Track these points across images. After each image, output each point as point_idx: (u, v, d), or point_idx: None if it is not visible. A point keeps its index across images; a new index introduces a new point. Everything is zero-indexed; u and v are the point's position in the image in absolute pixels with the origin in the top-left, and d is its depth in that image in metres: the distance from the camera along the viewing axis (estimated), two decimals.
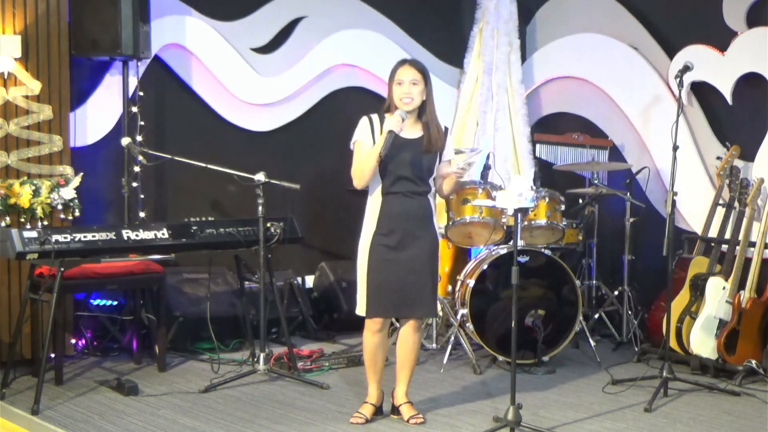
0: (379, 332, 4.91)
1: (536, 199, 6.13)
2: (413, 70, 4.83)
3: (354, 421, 4.93)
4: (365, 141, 4.86)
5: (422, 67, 4.88)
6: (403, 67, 4.85)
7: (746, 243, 6.07)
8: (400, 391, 5.02)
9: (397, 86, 4.84)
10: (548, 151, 7.50)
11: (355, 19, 7.44)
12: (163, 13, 6.57)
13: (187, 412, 5.12)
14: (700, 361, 5.95)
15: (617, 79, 7.20)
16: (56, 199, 5.96)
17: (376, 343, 4.93)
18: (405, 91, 4.81)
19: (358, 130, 4.91)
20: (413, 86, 4.81)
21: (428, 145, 4.84)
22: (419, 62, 4.93)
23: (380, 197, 4.85)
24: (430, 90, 4.88)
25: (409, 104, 4.81)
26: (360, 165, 4.83)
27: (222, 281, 6.65)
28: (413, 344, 4.98)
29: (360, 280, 4.87)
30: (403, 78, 4.82)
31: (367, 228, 4.88)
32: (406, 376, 5.01)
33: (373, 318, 4.87)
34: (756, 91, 6.37)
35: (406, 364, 4.99)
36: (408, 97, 4.81)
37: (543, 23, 7.77)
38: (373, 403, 5.01)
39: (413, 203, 4.85)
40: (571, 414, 5.15)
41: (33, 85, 5.92)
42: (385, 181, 4.83)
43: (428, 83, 4.87)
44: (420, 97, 4.83)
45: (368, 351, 4.96)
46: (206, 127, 6.91)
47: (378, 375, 5.00)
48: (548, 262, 6.16)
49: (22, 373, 5.68)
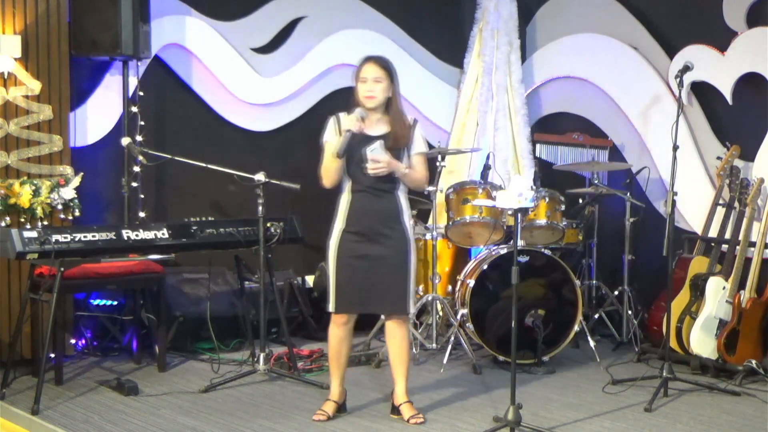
0: (344, 325, 4.94)
1: (536, 199, 6.13)
2: (376, 67, 4.86)
3: (316, 419, 4.96)
4: (332, 140, 4.88)
5: (386, 64, 4.89)
6: (367, 65, 4.88)
7: (746, 243, 6.07)
8: (400, 390, 5.02)
9: (361, 84, 4.86)
10: (548, 151, 7.50)
11: (355, 19, 7.44)
12: (163, 13, 6.57)
13: (187, 412, 5.12)
14: (700, 361, 5.95)
15: (617, 79, 7.20)
16: (56, 199, 5.96)
17: (341, 337, 4.96)
18: (368, 88, 4.83)
19: (326, 131, 4.94)
20: (376, 83, 4.83)
21: (394, 141, 4.86)
22: (383, 59, 4.94)
23: (349, 195, 4.89)
24: (395, 86, 4.90)
25: (371, 101, 4.83)
26: (324, 165, 4.88)
27: (222, 281, 6.65)
28: (401, 339, 4.98)
29: (330, 277, 4.91)
30: (367, 75, 4.85)
31: (337, 225, 4.91)
32: (403, 374, 5.00)
33: (339, 314, 4.91)
34: (756, 91, 6.37)
35: (400, 360, 4.99)
36: (371, 94, 4.83)
37: (543, 23, 7.77)
38: (335, 400, 5.04)
39: (381, 200, 4.87)
40: (571, 414, 5.15)
41: (33, 85, 5.92)
42: (353, 179, 4.86)
43: (393, 80, 4.88)
44: (384, 94, 4.85)
45: (332, 345, 4.99)
46: (206, 127, 6.91)
47: (341, 371, 5.02)
48: (548, 262, 6.16)
49: (22, 373, 5.68)
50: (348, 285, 4.86)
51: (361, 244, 4.85)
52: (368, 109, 4.85)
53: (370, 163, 4.76)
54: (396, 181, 4.90)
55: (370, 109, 4.85)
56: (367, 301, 4.90)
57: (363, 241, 4.85)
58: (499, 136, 7.40)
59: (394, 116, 4.90)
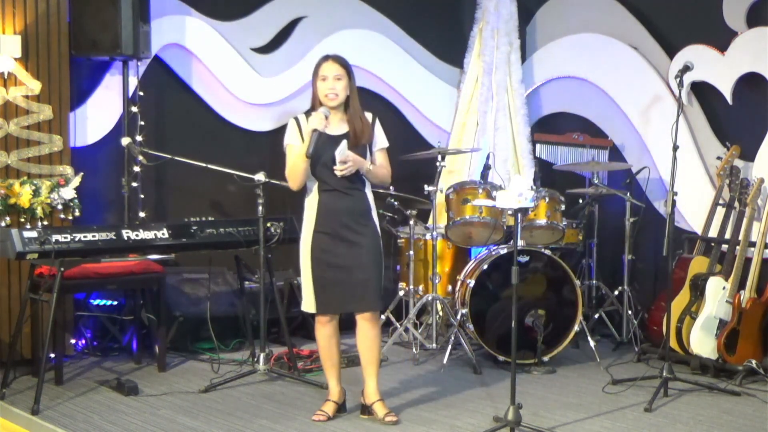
0: (329, 323, 4.96)
1: (536, 199, 6.13)
2: (336, 65, 4.87)
3: (316, 419, 4.95)
4: (294, 143, 4.88)
5: (345, 62, 4.91)
6: (326, 63, 4.89)
7: (746, 243, 6.06)
8: (370, 388, 4.99)
9: (321, 82, 4.87)
10: (548, 151, 7.49)
11: (355, 19, 7.44)
12: (163, 13, 6.57)
13: (187, 412, 5.12)
14: (700, 361, 5.95)
15: (617, 79, 7.20)
16: (56, 199, 5.97)
17: (329, 334, 4.97)
18: (329, 86, 4.84)
19: (287, 133, 4.94)
20: (337, 81, 4.84)
21: (355, 139, 4.86)
22: (342, 57, 4.95)
23: (317, 195, 4.88)
24: (353, 84, 4.92)
25: (334, 99, 4.84)
26: (290, 167, 4.87)
27: (222, 281, 6.65)
28: (373, 338, 4.96)
29: (305, 278, 4.91)
30: (327, 74, 4.85)
31: (307, 226, 4.91)
32: (373, 372, 4.98)
33: (323, 314, 4.92)
34: (756, 91, 6.37)
35: (370, 359, 4.97)
36: (333, 93, 4.84)
37: (543, 23, 7.77)
38: (335, 400, 5.04)
39: (350, 199, 4.88)
40: (571, 414, 5.15)
41: (33, 85, 5.92)
42: (320, 180, 4.86)
43: (351, 77, 4.90)
44: (344, 92, 4.86)
45: (322, 344, 5.00)
46: (206, 127, 6.91)
47: (335, 369, 5.02)
48: (548, 262, 6.16)
49: (22, 373, 5.68)
50: (326, 285, 4.86)
51: (334, 244, 4.85)
52: (330, 107, 4.84)
53: (338, 164, 4.75)
54: (363, 179, 4.91)
55: (331, 107, 4.85)
56: (346, 299, 4.89)
57: (336, 240, 4.85)
58: (499, 136, 7.40)
59: (353, 114, 4.90)
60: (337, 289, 4.86)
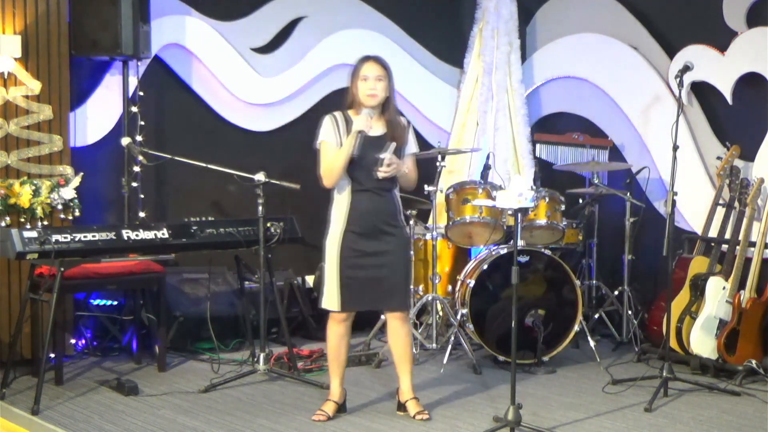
0: (343, 322, 4.97)
1: (536, 199, 6.13)
2: (378, 65, 4.90)
3: (316, 419, 4.96)
4: (331, 140, 4.90)
5: (386, 64, 4.94)
6: (368, 63, 4.91)
7: (746, 243, 6.06)
8: (405, 386, 5.04)
9: (362, 82, 4.89)
10: (548, 151, 7.49)
11: (355, 19, 7.44)
12: (163, 13, 6.57)
13: (187, 412, 5.12)
14: (700, 361, 5.95)
15: (617, 79, 7.20)
16: (56, 199, 5.97)
17: (341, 333, 4.98)
18: (370, 86, 4.86)
19: (322, 130, 4.96)
20: (378, 82, 4.87)
21: (392, 141, 4.88)
22: (382, 58, 4.98)
23: (349, 195, 4.90)
24: (392, 86, 4.94)
25: (374, 98, 4.86)
26: (329, 165, 4.88)
27: (222, 281, 6.66)
28: (405, 336, 5.01)
29: (330, 276, 4.91)
30: (368, 74, 4.88)
31: (337, 225, 4.92)
32: (407, 370, 5.03)
33: (344, 312, 4.93)
34: (756, 91, 6.37)
35: (404, 357, 5.02)
36: (373, 92, 4.86)
37: (543, 23, 7.77)
38: (336, 400, 5.05)
39: (382, 200, 4.91)
40: (571, 414, 5.15)
41: (33, 85, 5.92)
42: (354, 179, 4.88)
43: (391, 79, 4.93)
44: (384, 93, 4.89)
45: (332, 343, 5.01)
46: (206, 127, 6.91)
47: (340, 370, 5.03)
48: (548, 262, 6.16)
49: (22, 373, 5.68)
50: (353, 283, 4.88)
51: (364, 243, 4.87)
52: (370, 107, 4.87)
53: (384, 166, 4.77)
54: (395, 181, 4.96)
55: (371, 107, 4.87)
56: (372, 298, 4.93)
57: (366, 240, 4.88)
58: (499, 136, 7.40)
59: (391, 117, 4.95)
60: (363, 288, 4.89)
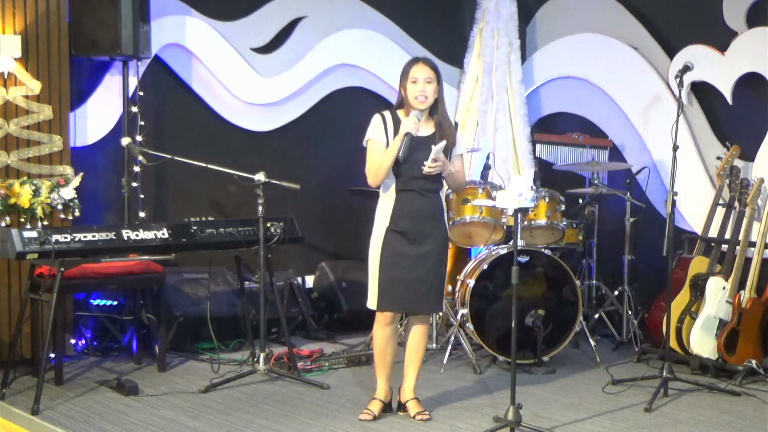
0: (389, 325, 4.95)
1: (536, 199, 6.13)
2: (427, 68, 4.88)
3: (363, 418, 4.95)
4: (378, 139, 4.89)
5: (435, 66, 4.94)
6: (418, 65, 4.89)
7: (746, 243, 6.07)
8: (408, 386, 5.05)
9: (412, 84, 4.87)
10: (548, 151, 7.49)
11: (355, 19, 7.44)
12: (163, 13, 6.56)
13: (187, 412, 5.12)
14: (700, 361, 5.95)
15: (617, 79, 7.20)
16: (56, 199, 5.96)
17: (387, 336, 4.96)
18: (420, 89, 4.85)
19: (371, 128, 4.94)
20: (428, 84, 4.86)
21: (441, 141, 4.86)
22: (432, 61, 4.99)
23: (394, 194, 4.90)
24: (441, 88, 4.94)
25: (424, 102, 4.85)
26: (376, 164, 4.87)
27: (222, 281, 6.65)
28: (422, 337, 5.03)
29: (372, 275, 4.92)
30: (418, 76, 4.86)
31: (380, 224, 4.92)
32: (414, 371, 5.04)
33: (384, 312, 4.92)
34: (756, 91, 6.37)
35: (415, 358, 5.03)
36: (423, 95, 4.85)
37: (543, 23, 7.77)
38: (382, 399, 5.04)
39: (426, 200, 4.90)
40: (571, 414, 5.15)
41: (33, 85, 5.92)
42: (399, 179, 4.88)
43: (440, 81, 4.92)
44: (433, 96, 4.88)
45: (378, 344, 4.99)
46: (206, 127, 6.91)
47: (387, 370, 5.02)
48: (548, 262, 6.16)
49: (22, 373, 5.67)
50: (392, 283, 4.88)
51: (406, 243, 4.88)
52: (419, 110, 4.86)
53: (430, 161, 4.77)
54: (440, 182, 4.96)
55: (420, 110, 4.86)
56: (411, 299, 4.92)
57: (408, 240, 4.88)
58: (499, 136, 7.40)
59: (440, 117, 4.94)
60: (402, 289, 4.88)
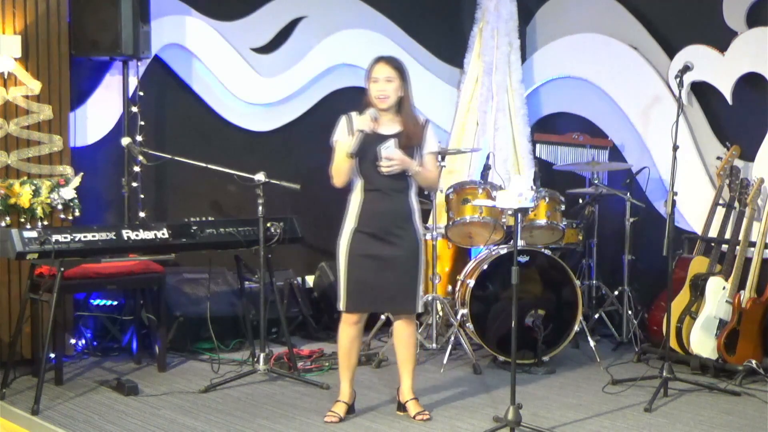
0: (355, 325, 4.96)
1: (536, 199, 6.13)
2: (388, 67, 4.87)
3: (328, 420, 4.94)
4: (343, 140, 4.89)
5: (398, 64, 4.91)
6: (378, 65, 4.89)
7: (746, 243, 6.07)
8: (406, 387, 5.04)
9: (373, 84, 4.87)
10: (548, 151, 7.50)
11: (355, 19, 7.44)
12: (163, 13, 6.57)
13: (187, 412, 5.12)
14: (700, 361, 5.95)
15: (617, 79, 7.19)
16: (56, 199, 5.96)
17: (352, 336, 4.97)
18: (380, 88, 4.85)
19: (337, 130, 4.95)
20: (388, 83, 4.84)
21: (406, 140, 4.87)
22: (395, 59, 4.95)
23: (361, 194, 4.89)
24: (407, 86, 4.91)
25: (384, 101, 4.84)
26: (335, 164, 4.88)
27: (222, 281, 6.65)
28: (409, 337, 5.00)
29: (340, 276, 4.92)
30: (378, 75, 4.86)
31: (348, 224, 4.92)
32: (409, 371, 5.03)
33: (351, 313, 4.92)
34: (756, 91, 6.37)
35: (407, 358, 5.02)
36: (383, 95, 4.84)
37: (543, 23, 7.77)
38: (346, 401, 5.03)
39: (393, 200, 4.88)
40: (571, 414, 5.15)
41: (33, 85, 5.92)
42: (365, 179, 4.87)
43: (405, 79, 4.90)
44: (396, 94, 4.86)
45: (343, 344, 4.99)
46: (206, 127, 6.91)
47: (351, 371, 5.02)
48: (548, 262, 6.16)
49: (22, 373, 5.68)
50: (359, 284, 4.87)
51: (372, 244, 4.86)
52: (380, 109, 4.85)
53: (383, 161, 4.77)
54: (408, 182, 4.92)
55: (382, 109, 4.86)
56: (378, 300, 4.92)
57: (375, 241, 4.86)
58: (499, 136, 7.40)
59: (406, 115, 4.92)
60: (370, 289, 4.87)
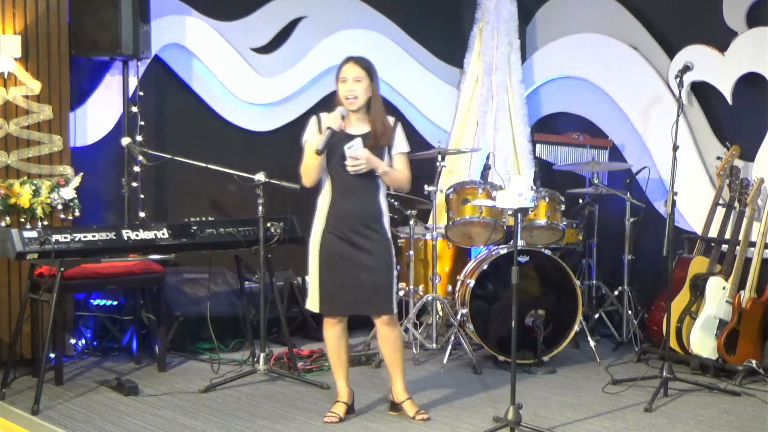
0: (337, 325, 4.96)
1: (536, 199, 6.13)
2: (357, 67, 4.87)
3: (328, 420, 4.94)
4: (313, 140, 4.88)
5: (367, 65, 4.90)
6: (347, 65, 4.89)
7: (746, 243, 6.07)
8: (399, 388, 5.03)
9: (342, 84, 4.87)
10: (548, 151, 7.50)
11: (355, 19, 7.44)
12: (163, 13, 6.57)
13: (187, 412, 5.12)
14: (700, 361, 5.95)
15: (617, 79, 7.19)
16: (56, 199, 5.97)
17: (338, 335, 4.97)
18: (348, 88, 4.84)
19: (306, 130, 4.94)
20: (356, 83, 4.84)
21: (375, 140, 4.86)
22: (364, 59, 4.94)
23: (330, 194, 4.88)
24: (376, 86, 4.91)
25: (353, 102, 4.84)
26: (304, 163, 4.88)
27: (222, 281, 6.66)
28: (394, 339, 4.98)
29: (312, 277, 4.92)
30: (347, 75, 4.85)
31: (317, 225, 4.92)
32: (399, 372, 5.01)
33: (328, 315, 4.93)
34: (756, 91, 6.37)
35: (394, 359, 4.99)
36: (352, 95, 4.84)
37: (543, 23, 7.77)
38: (345, 401, 5.03)
39: (360, 201, 4.87)
40: (571, 414, 5.15)
41: (33, 85, 5.92)
42: (333, 178, 4.86)
43: (374, 79, 4.90)
44: (365, 94, 4.85)
45: (330, 345, 5.00)
46: (206, 127, 6.91)
47: (344, 370, 5.02)
48: (548, 262, 6.16)
49: (22, 373, 5.68)
50: (333, 286, 4.86)
51: (342, 245, 4.85)
52: (350, 110, 4.85)
53: (349, 160, 4.76)
54: (377, 182, 4.90)
55: (352, 110, 4.85)
56: (352, 302, 4.90)
57: (344, 242, 4.85)
58: (499, 136, 7.40)
59: (375, 115, 4.90)
60: (343, 292, 4.86)
